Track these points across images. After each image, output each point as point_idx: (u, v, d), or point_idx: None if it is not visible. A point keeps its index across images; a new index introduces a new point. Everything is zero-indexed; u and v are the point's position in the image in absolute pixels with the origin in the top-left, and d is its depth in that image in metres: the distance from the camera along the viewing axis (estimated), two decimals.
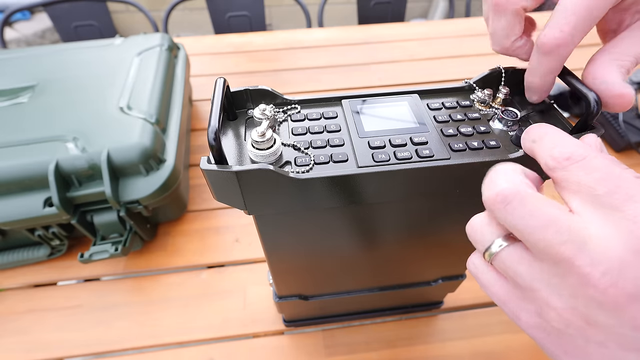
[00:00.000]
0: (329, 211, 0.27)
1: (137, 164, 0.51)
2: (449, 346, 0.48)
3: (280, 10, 2.44)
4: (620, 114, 0.71)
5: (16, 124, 0.54)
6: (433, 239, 0.33)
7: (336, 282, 0.41)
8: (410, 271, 0.40)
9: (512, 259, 0.17)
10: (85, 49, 0.73)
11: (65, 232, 0.54)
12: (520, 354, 0.47)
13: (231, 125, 0.27)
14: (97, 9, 1.25)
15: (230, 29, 1.34)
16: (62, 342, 0.49)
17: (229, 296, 0.54)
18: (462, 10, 2.43)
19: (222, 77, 0.24)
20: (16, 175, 0.48)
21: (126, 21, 2.38)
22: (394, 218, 0.29)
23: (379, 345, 0.49)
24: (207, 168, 0.21)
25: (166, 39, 0.76)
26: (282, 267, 0.35)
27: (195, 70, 0.96)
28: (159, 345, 0.49)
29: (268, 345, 0.49)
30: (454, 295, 0.53)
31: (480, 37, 1.11)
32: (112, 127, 0.54)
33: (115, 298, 0.54)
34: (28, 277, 0.56)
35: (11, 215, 0.48)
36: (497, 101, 0.28)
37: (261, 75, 0.98)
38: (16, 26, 2.09)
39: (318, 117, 0.27)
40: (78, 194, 0.49)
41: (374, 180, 0.23)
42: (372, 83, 0.94)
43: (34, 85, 0.62)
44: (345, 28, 1.17)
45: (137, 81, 0.63)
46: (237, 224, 0.63)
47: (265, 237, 0.29)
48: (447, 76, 0.96)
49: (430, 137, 0.25)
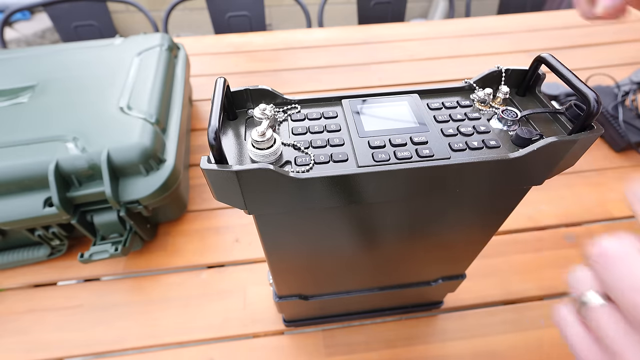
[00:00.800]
0: (329, 211, 0.27)
1: (137, 164, 0.51)
2: (449, 346, 0.48)
3: (280, 10, 2.44)
4: (620, 114, 0.71)
5: (16, 124, 0.54)
6: (433, 238, 0.33)
7: (336, 282, 0.41)
8: (410, 271, 0.40)
9: (610, 320, 0.17)
10: (85, 49, 0.73)
11: (65, 232, 0.54)
12: (521, 354, 0.47)
13: (231, 125, 0.27)
14: (97, 9, 1.25)
15: (230, 29, 1.34)
16: (62, 342, 0.49)
17: (229, 296, 0.54)
18: (462, 10, 2.43)
19: (222, 77, 0.24)
20: (16, 175, 0.48)
21: (126, 21, 2.38)
22: (393, 218, 0.29)
23: (379, 345, 0.49)
24: (207, 167, 0.21)
25: (166, 39, 0.76)
26: (282, 267, 0.35)
27: (195, 70, 0.96)
28: (159, 345, 0.49)
29: (268, 345, 0.49)
30: (454, 295, 0.53)
31: (480, 37, 1.11)
32: (112, 127, 0.54)
33: (115, 298, 0.54)
34: (28, 277, 0.56)
35: (11, 215, 0.48)
36: (497, 101, 0.28)
37: (261, 75, 0.98)
38: (16, 26, 2.09)
39: (318, 116, 0.27)
40: (78, 194, 0.49)
41: (374, 180, 0.23)
42: (372, 83, 0.94)
43: (34, 85, 0.62)
44: (345, 28, 1.17)
45: (137, 81, 0.63)
46: (237, 224, 0.63)
47: (265, 236, 0.29)
48: (447, 76, 0.96)
49: (430, 136, 0.25)
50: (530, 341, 0.48)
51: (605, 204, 0.64)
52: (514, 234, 0.60)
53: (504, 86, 0.28)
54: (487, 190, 0.26)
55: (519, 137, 0.24)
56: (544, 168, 0.25)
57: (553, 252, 0.58)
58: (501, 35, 1.12)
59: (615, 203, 0.64)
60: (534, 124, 0.26)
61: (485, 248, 0.37)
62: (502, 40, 1.09)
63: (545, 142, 0.23)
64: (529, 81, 0.28)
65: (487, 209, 0.30)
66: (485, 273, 0.55)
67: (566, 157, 0.24)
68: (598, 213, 0.63)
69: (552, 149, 0.23)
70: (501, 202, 0.29)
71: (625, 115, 0.72)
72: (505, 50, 1.05)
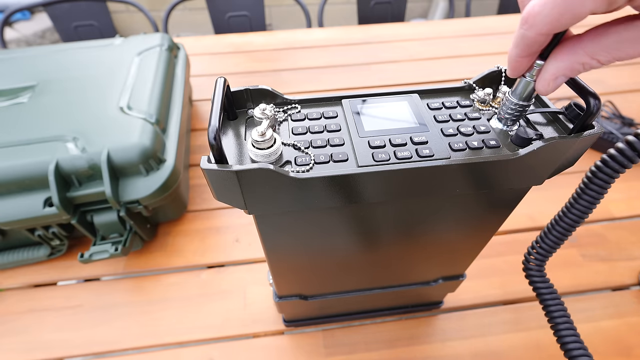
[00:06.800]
0: (329, 211, 0.27)
1: (137, 164, 0.51)
2: (449, 346, 0.48)
3: (280, 10, 2.44)
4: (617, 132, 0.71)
5: (16, 124, 0.54)
6: (433, 238, 0.33)
7: (336, 282, 0.41)
8: (410, 271, 0.40)
9: None
10: (85, 49, 0.73)
11: (65, 232, 0.54)
12: (521, 354, 0.47)
13: (231, 124, 0.27)
14: (97, 9, 1.25)
15: (230, 29, 1.34)
16: (62, 342, 0.49)
17: (229, 296, 0.54)
18: (462, 10, 2.43)
19: (222, 77, 0.24)
20: (16, 175, 0.48)
21: (126, 21, 2.38)
22: (394, 217, 0.29)
23: (379, 345, 0.49)
24: (207, 167, 0.21)
25: (166, 39, 0.76)
26: (282, 267, 0.35)
27: (195, 70, 0.96)
28: (159, 345, 0.49)
29: (268, 345, 0.49)
30: (454, 295, 0.53)
31: (480, 37, 1.11)
32: (112, 127, 0.54)
33: (115, 298, 0.54)
34: (28, 277, 0.56)
35: (11, 215, 0.48)
36: (497, 101, 0.28)
37: (261, 75, 0.98)
38: (16, 26, 2.09)
39: (318, 116, 0.27)
40: (78, 194, 0.49)
41: (374, 180, 0.23)
42: (372, 83, 0.94)
43: (34, 85, 0.62)
44: (345, 28, 1.17)
45: (137, 81, 0.63)
46: (237, 224, 0.63)
47: (265, 236, 0.29)
48: (447, 76, 0.96)
49: (430, 136, 0.25)
50: (530, 341, 0.48)
51: (605, 204, 0.64)
52: (514, 234, 0.60)
53: (504, 86, 0.28)
54: (487, 190, 0.26)
55: (519, 137, 0.24)
56: (544, 168, 0.25)
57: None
58: (501, 35, 1.12)
59: (615, 203, 0.64)
60: (534, 124, 0.26)
61: (485, 248, 0.37)
62: (502, 40, 1.09)
63: (545, 142, 0.23)
64: None
65: (487, 209, 0.30)
66: (485, 273, 0.55)
67: (566, 157, 0.24)
68: (598, 213, 0.63)
69: (552, 149, 0.23)
70: (501, 202, 0.29)
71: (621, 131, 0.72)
72: (505, 50, 1.05)
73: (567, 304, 0.52)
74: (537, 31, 0.18)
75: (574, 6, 0.16)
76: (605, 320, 0.50)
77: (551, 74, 0.20)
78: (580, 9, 0.16)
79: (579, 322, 0.50)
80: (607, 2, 0.16)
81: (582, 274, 0.55)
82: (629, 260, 0.57)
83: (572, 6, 0.16)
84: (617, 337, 0.48)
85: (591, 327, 0.50)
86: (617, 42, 0.18)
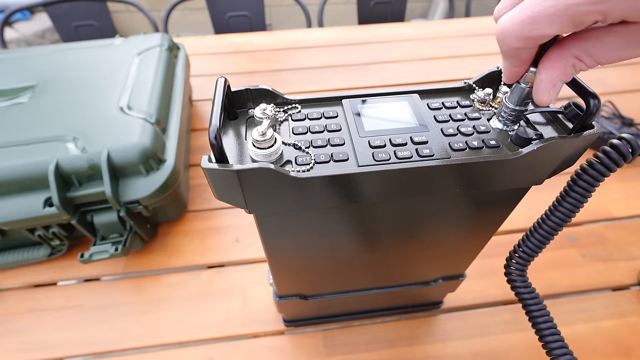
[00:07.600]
0: (330, 210, 0.27)
1: (137, 164, 0.51)
2: (449, 346, 0.48)
3: (280, 10, 2.44)
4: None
5: (16, 124, 0.54)
6: (433, 238, 0.33)
7: (336, 282, 0.41)
8: (410, 271, 0.40)
9: None
10: (85, 49, 0.73)
11: (65, 232, 0.54)
12: (521, 354, 0.47)
13: (232, 124, 0.27)
14: (97, 9, 1.25)
15: (230, 29, 1.34)
16: (62, 342, 0.49)
17: (229, 296, 0.54)
18: (462, 10, 2.43)
19: (223, 77, 0.24)
20: (16, 175, 0.48)
21: (126, 21, 2.38)
22: (394, 217, 0.29)
23: (379, 345, 0.49)
24: (208, 167, 0.21)
25: (166, 39, 0.76)
26: (283, 267, 0.35)
27: (195, 70, 0.96)
28: (159, 345, 0.49)
29: (268, 345, 0.49)
30: (454, 295, 0.53)
31: (480, 37, 1.11)
32: (112, 127, 0.54)
33: (115, 298, 0.54)
34: (28, 277, 0.56)
35: (11, 215, 0.48)
36: (497, 101, 0.28)
37: (261, 75, 0.98)
38: (16, 26, 2.09)
39: (318, 116, 0.27)
40: (78, 194, 0.49)
41: (374, 179, 0.23)
42: (372, 83, 0.94)
43: (34, 85, 0.62)
44: (345, 28, 1.17)
45: (137, 81, 0.63)
46: (238, 224, 0.63)
47: (265, 236, 0.29)
48: (447, 76, 0.96)
49: (431, 136, 0.25)
50: (530, 341, 0.48)
51: (605, 204, 0.64)
52: (514, 234, 0.60)
53: (504, 86, 0.28)
54: (487, 190, 0.26)
55: (519, 137, 0.24)
56: (543, 168, 0.25)
57: (553, 252, 0.58)
58: None
59: (615, 203, 0.64)
60: (533, 124, 0.26)
61: (485, 248, 0.38)
62: None
63: (544, 142, 0.23)
64: None
65: (487, 209, 0.30)
66: (485, 273, 0.55)
67: (566, 157, 0.24)
68: (598, 213, 0.63)
69: (551, 148, 0.23)
70: (501, 202, 0.29)
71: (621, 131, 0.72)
72: None
73: (567, 304, 0.52)
74: (509, 45, 0.19)
75: (540, 27, 0.17)
76: (605, 320, 0.50)
77: (548, 83, 0.20)
78: (546, 30, 0.17)
79: (579, 322, 0.50)
80: (572, 24, 0.16)
81: (582, 274, 0.55)
82: (629, 260, 0.57)
83: (538, 26, 0.17)
84: (617, 337, 0.49)
85: (591, 327, 0.50)
86: (596, 46, 0.18)
